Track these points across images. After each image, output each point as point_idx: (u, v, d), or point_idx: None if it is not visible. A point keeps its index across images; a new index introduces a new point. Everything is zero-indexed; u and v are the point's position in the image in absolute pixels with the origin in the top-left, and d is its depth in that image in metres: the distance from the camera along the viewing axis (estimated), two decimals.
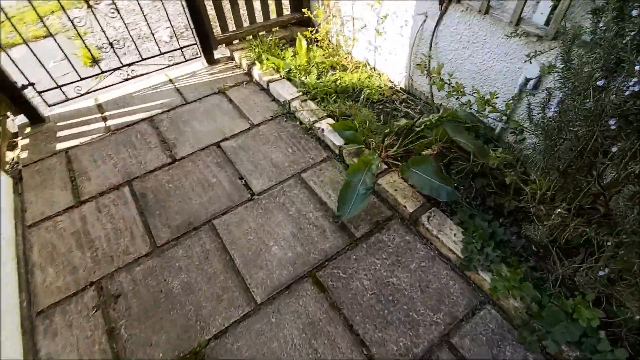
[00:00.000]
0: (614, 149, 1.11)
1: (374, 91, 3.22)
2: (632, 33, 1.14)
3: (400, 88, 3.38)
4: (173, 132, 3.01)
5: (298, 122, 3.06)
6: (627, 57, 1.09)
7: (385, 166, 2.55)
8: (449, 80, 2.34)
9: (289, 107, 3.14)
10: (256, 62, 3.55)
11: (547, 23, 2.01)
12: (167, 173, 2.67)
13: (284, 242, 2.21)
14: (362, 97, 3.18)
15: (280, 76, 3.44)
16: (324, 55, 3.61)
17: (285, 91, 3.25)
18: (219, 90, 3.45)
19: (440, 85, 2.55)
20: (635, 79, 1.00)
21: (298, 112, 3.04)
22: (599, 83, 1.11)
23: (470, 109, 2.53)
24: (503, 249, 2.02)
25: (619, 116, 1.07)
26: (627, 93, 1.02)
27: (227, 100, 3.34)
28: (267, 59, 3.45)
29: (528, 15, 2.10)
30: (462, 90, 2.49)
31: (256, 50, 3.65)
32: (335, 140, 2.74)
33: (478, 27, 2.41)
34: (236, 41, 3.88)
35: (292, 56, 3.56)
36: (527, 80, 2.27)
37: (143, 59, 3.41)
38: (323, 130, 2.83)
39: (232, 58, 3.85)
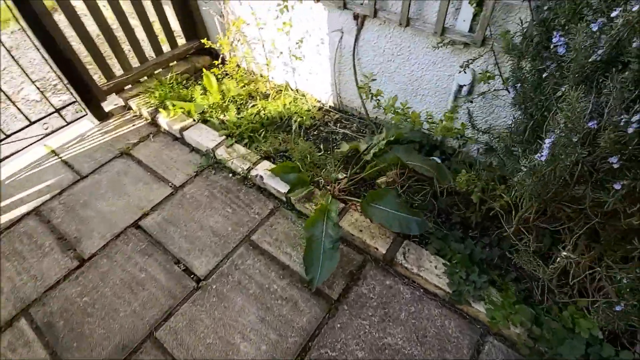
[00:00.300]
0: (618, 186, 0.98)
1: (304, 117, 2.94)
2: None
3: (330, 106, 3.15)
4: (72, 222, 2.36)
5: (230, 173, 2.64)
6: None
7: (342, 204, 2.29)
8: (377, 98, 2.17)
9: (214, 156, 2.70)
10: (160, 108, 3.00)
11: (471, 29, 1.93)
12: (76, 283, 2.06)
13: (253, 334, 1.82)
14: (293, 126, 2.87)
15: (194, 120, 2.96)
16: (238, 85, 3.20)
17: (204, 137, 2.78)
18: (122, 151, 2.83)
19: (385, 109, 2.37)
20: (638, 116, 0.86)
21: (227, 161, 2.61)
22: (591, 124, 0.97)
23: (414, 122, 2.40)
24: (485, 269, 1.92)
25: (621, 154, 0.94)
26: (632, 131, 0.89)
27: (135, 162, 2.76)
28: (174, 105, 2.93)
29: (451, 23, 2.00)
30: (399, 111, 2.34)
31: (157, 93, 3.09)
32: (279, 186, 2.40)
33: (400, 39, 2.27)
34: (128, 86, 3.25)
35: (202, 94, 3.09)
36: (461, 86, 2.20)
37: (7, 136, 2.63)
38: (262, 177, 2.47)
39: (128, 108, 3.22)
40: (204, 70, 3.13)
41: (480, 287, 1.83)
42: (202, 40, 2.92)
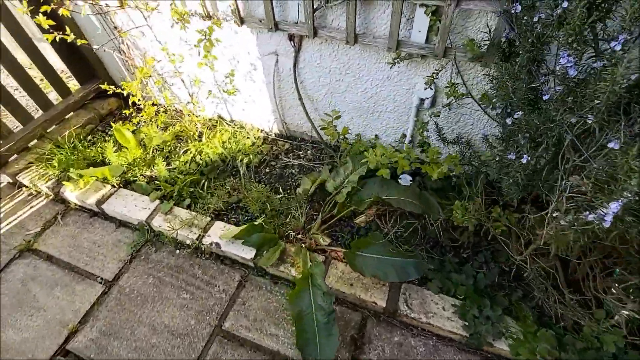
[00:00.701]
0: None
1: (251, 155, 2.53)
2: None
3: (276, 134, 2.78)
4: None
5: (176, 247, 2.14)
6: None
7: (320, 255, 1.97)
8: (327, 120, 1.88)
9: (151, 229, 2.17)
10: (64, 181, 2.34)
11: (427, 40, 1.71)
12: None
13: None
14: (241, 170, 2.45)
15: (114, 186, 2.37)
16: (161, 131, 2.66)
17: (132, 207, 2.23)
18: (21, 248, 2.15)
19: (332, 135, 2.08)
20: None
21: (169, 233, 2.11)
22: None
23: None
24: (494, 297, 1.76)
25: None
26: None
27: (44, 259, 2.11)
28: (81, 176, 2.30)
29: (404, 35, 1.76)
30: (349, 141, 2.08)
31: (55, 160, 2.42)
32: (242, 252, 1.99)
33: (348, 57, 1.99)
34: (13, 158, 2.51)
35: (116, 150, 2.50)
36: (422, 100, 1.99)
37: None
38: (218, 245, 2.03)
39: (19, 185, 2.48)
40: (113, 125, 2.52)
41: (496, 321, 1.66)
42: (103, 86, 2.32)
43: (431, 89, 1.77)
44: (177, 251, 2.10)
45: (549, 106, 1.12)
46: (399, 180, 2.27)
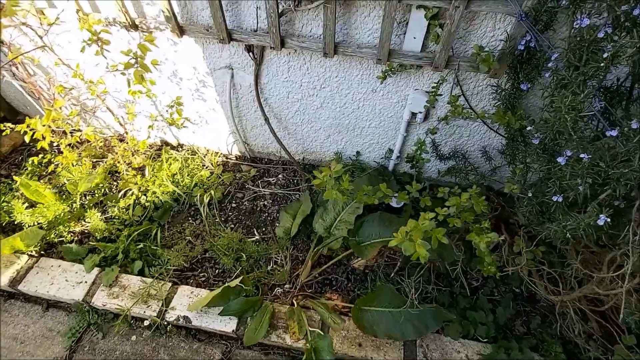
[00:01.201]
0: None
1: (213, 190, 2.08)
2: None
3: (237, 157, 2.35)
4: None
5: (130, 326, 1.68)
6: None
7: (316, 315, 1.64)
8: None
9: (92, 309, 1.68)
10: None
11: (423, 48, 1.41)
12: None
13: None
14: (203, 212, 2.00)
15: (33, 254, 1.80)
16: (88, 171, 2.09)
17: (62, 281, 1.71)
18: None
19: None
20: None
21: (120, 312, 1.63)
22: None
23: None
24: (520, 337, 1.59)
25: None
26: None
27: None
28: None
29: (396, 42, 1.43)
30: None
31: None
32: (219, 323, 1.60)
33: (324, 69, 1.62)
34: None
35: (28, 207, 1.90)
36: (414, 114, 1.71)
37: None
38: (187, 319, 1.61)
39: None
40: (16, 179, 1.91)
41: None
42: None
43: (433, 107, 1.48)
44: (134, 336, 1.64)
45: (617, 145, 0.87)
46: (390, 203, 2.00)
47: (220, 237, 1.91)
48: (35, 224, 1.85)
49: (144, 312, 1.61)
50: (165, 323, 1.62)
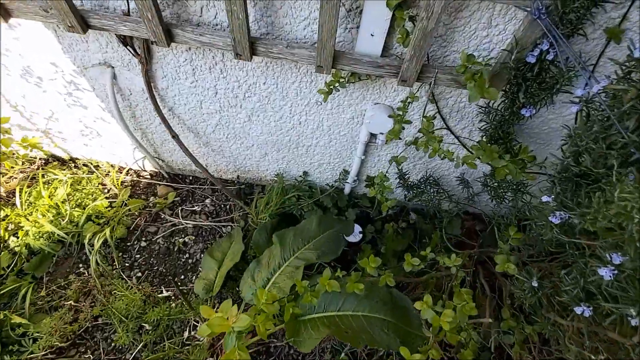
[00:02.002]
0: None
1: (114, 225, 1.55)
2: None
3: (152, 175, 1.81)
4: None
5: None
6: None
7: None
8: None
9: None
10: None
11: (385, 50, 0.94)
12: None
13: None
14: (92, 259, 1.48)
15: None
16: None
17: None
18: None
19: None
20: None
21: None
22: None
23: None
24: None
25: None
26: None
27: None
28: None
29: (345, 40, 0.95)
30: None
31: None
32: None
33: (244, 73, 1.11)
34: None
35: None
36: (373, 135, 1.27)
37: None
38: None
39: None
40: None
41: None
42: None
43: (389, 135, 1.04)
44: None
45: None
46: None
47: (118, 297, 1.42)
48: None
49: None
50: None
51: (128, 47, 1.05)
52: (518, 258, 0.93)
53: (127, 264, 1.55)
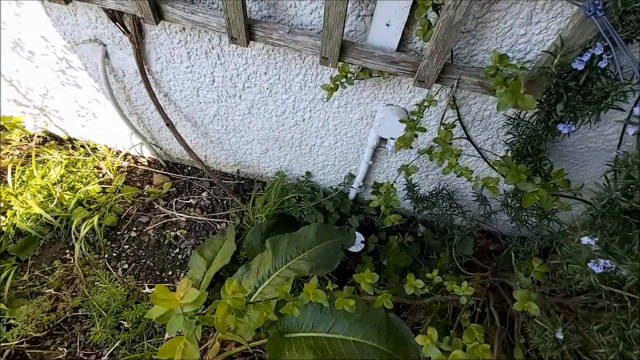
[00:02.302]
0: None
1: (105, 212, 1.48)
2: None
3: (150, 162, 1.73)
4: None
5: None
6: None
7: None
8: None
9: None
10: None
11: (401, 44, 0.81)
12: None
13: None
14: (77, 244, 1.41)
15: None
16: None
17: None
18: None
19: None
20: None
21: None
22: None
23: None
24: None
25: None
26: None
27: None
28: None
29: (356, 30, 0.83)
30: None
31: None
32: None
33: (244, 60, 1.00)
34: None
35: None
36: (383, 139, 1.14)
37: None
38: None
39: None
40: None
41: None
42: None
43: (399, 143, 0.91)
44: None
45: None
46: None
47: (100, 289, 1.35)
48: None
49: None
50: None
51: (117, 23, 0.95)
52: (541, 297, 0.79)
53: (114, 254, 1.48)
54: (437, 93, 0.91)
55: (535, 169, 0.93)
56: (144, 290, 1.39)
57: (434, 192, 1.29)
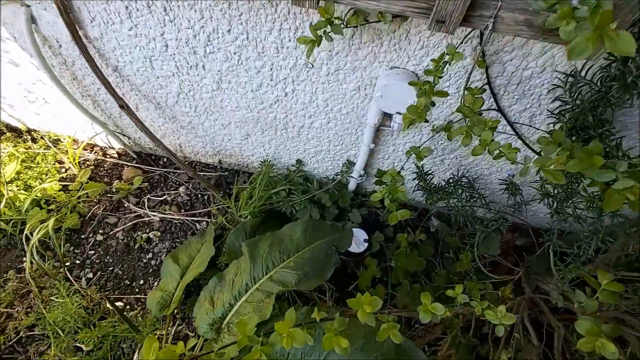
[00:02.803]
0: None
1: (66, 212, 1.27)
2: None
3: (121, 153, 1.51)
4: None
5: None
6: None
7: None
8: None
9: None
10: None
11: None
12: None
13: None
14: (28, 251, 1.21)
15: None
16: None
17: None
18: None
19: None
20: None
21: None
22: None
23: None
24: None
25: None
26: None
27: None
28: None
29: None
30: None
31: None
32: None
33: (199, 15, 0.75)
34: None
35: None
36: (387, 115, 0.89)
37: None
38: None
39: None
40: None
41: None
42: None
43: (411, 116, 0.66)
44: None
45: None
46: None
47: (57, 304, 1.15)
48: None
49: None
50: None
51: None
52: (615, 327, 0.56)
53: (77, 261, 1.28)
54: (460, 44, 0.66)
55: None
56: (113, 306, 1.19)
57: (451, 180, 1.05)
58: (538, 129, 0.80)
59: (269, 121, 1.08)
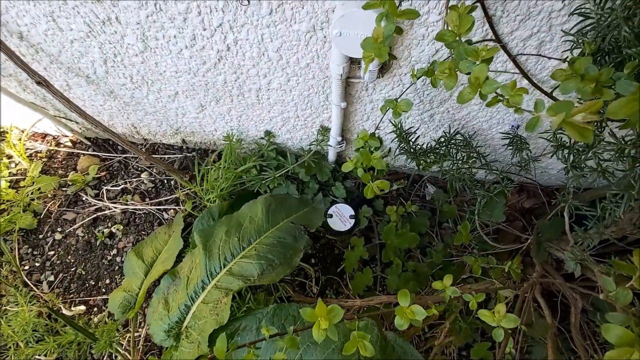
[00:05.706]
0: None
1: (18, 212, 1.14)
2: None
3: (75, 142, 1.35)
4: None
5: None
6: None
7: None
8: None
9: None
10: None
11: None
12: None
13: None
14: None
15: None
16: None
17: None
18: None
19: None
20: None
21: None
22: None
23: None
24: None
25: None
26: None
27: None
28: None
29: None
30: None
31: None
32: None
33: None
34: None
35: None
36: (355, 60, 0.70)
37: None
38: None
39: None
40: None
41: None
42: None
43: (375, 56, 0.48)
44: None
45: None
46: (328, 219, 1.11)
47: (14, 313, 1.03)
48: None
49: None
50: None
51: None
52: None
53: (36, 264, 1.16)
54: None
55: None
56: (74, 308, 1.08)
57: (442, 140, 0.87)
58: (550, 58, 0.61)
59: (219, 86, 0.90)
